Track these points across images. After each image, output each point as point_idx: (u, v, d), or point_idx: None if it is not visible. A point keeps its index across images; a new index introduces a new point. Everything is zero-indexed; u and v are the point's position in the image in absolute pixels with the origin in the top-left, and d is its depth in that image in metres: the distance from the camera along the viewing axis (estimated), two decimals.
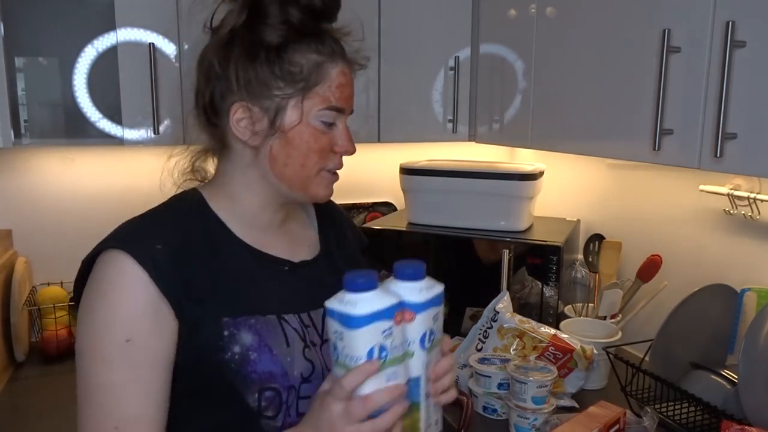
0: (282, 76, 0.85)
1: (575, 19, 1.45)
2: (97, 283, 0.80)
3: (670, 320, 1.36)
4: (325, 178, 0.91)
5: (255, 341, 0.84)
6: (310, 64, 0.85)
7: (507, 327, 1.48)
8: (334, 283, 0.98)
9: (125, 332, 0.78)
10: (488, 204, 1.77)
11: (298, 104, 0.85)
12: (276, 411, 0.86)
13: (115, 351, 0.78)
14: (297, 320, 0.90)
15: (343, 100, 0.88)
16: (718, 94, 1.06)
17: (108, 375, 0.78)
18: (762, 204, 1.40)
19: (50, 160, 1.81)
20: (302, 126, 0.86)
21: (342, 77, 0.88)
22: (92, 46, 1.52)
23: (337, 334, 0.72)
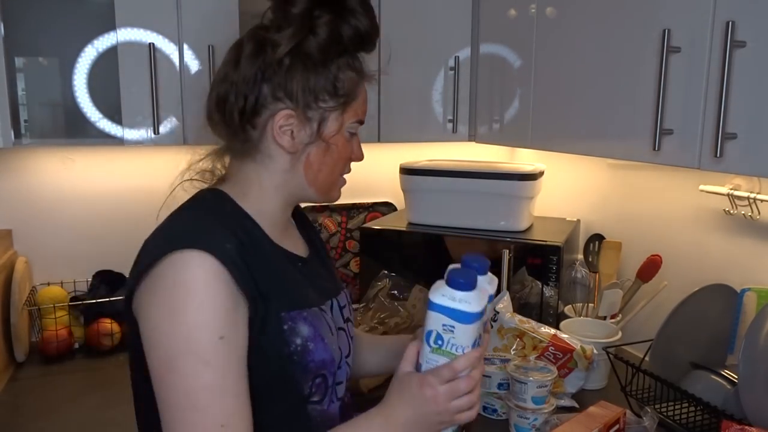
0: (328, 90, 0.91)
1: (575, 19, 1.45)
2: (181, 284, 0.78)
3: (670, 320, 1.36)
4: (341, 183, 1.01)
5: (311, 332, 0.89)
6: (350, 81, 0.93)
7: (507, 327, 1.48)
8: (327, 275, 1.06)
9: (219, 330, 0.79)
10: (488, 204, 1.77)
11: (339, 116, 0.93)
12: (322, 395, 0.92)
13: (212, 350, 0.78)
14: (329, 310, 0.98)
15: (364, 114, 0.99)
16: (718, 94, 1.06)
17: (209, 374, 0.78)
18: (762, 204, 1.40)
19: (50, 160, 1.81)
20: (338, 136, 0.94)
21: (366, 93, 0.98)
22: (92, 46, 1.52)
23: (447, 327, 0.81)
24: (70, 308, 1.75)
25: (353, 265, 2.12)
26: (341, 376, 0.98)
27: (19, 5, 1.46)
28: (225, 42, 1.61)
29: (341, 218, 2.14)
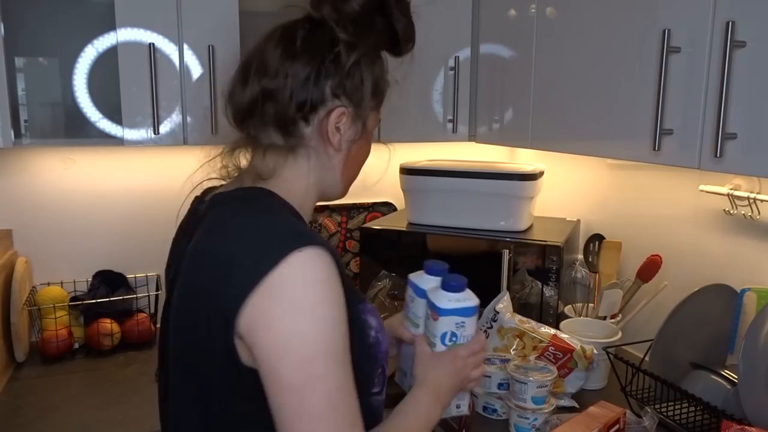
0: (374, 89, 0.94)
1: (575, 20, 1.45)
2: (310, 282, 0.75)
3: (670, 320, 1.36)
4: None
5: (378, 323, 0.90)
6: (384, 82, 0.97)
7: (507, 327, 1.48)
8: None
9: (344, 328, 0.77)
10: (488, 204, 1.77)
11: (376, 115, 0.97)
12: (382, 386, 0.92)
13: (341, 349, 0.76)
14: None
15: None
16: (718, 94, 1.06)
17: (342, 373, 0.76)
18: (762, 204, 1.40)
19: (50, 160, 1.81)
20: (367, 136, 0.97)
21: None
22: (92, 46, 1.53)
23: (459, 324, 0.97)
24: (70, 308, 1.75)
25: (353, 265, 2.12)
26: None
27: (19, 5, 1.46)
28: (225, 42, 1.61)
29: (341, 218, 2.14)
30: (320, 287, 0.75)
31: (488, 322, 1.50)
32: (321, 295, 0.75)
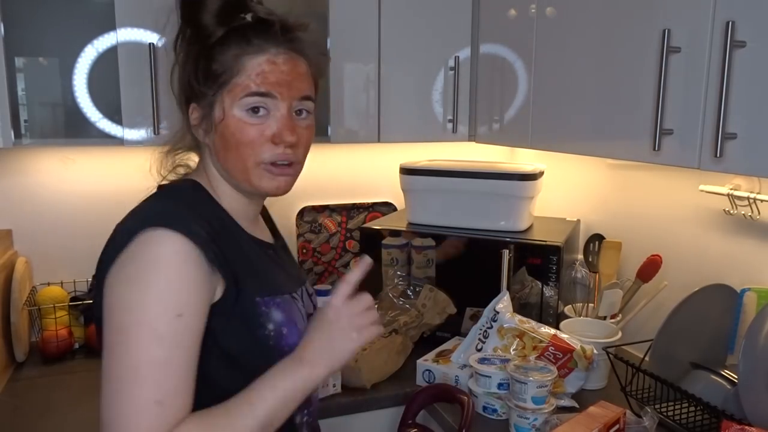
0: (209, 76, 0.89)
1: (575, 19, 1.45)
2: (150, 260, 0.80)
3: (670, 320, 1.36)
4: (266, 171, 0.91)
5: (284, 318, 0.91)
6: (228, 58, 0.89)
7: (507, 327, 1.48)
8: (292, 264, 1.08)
9: (178, 308, 0.80)
10: (488, 204, 1.77)
11: (222, 99, 0.89)
12: None
13: (166, 326, 0.79)
14: (300, 298, 0.98)
15: (268, 85, 0.89)
16: (718, 94, 1.06)
17: (157, 350, 0.78)
18: (762, 204, 1.40)
19: (50, 160, 1.81)
20: (228, 119, 0.89)
21: (267, 65, 0.89)
22: (92, 46, 1.52)
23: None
24: (70, 308, 1.75)
25: (353, 265, 2.12)
26: None
27: (19, 5, 1.46)
28: None
29: (341, 218, 2.14)
30: (159, 266, 0.80)
31: (488, 322, 1.50)
32: (158, 272, 0.80)
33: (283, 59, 0.90)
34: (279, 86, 0.89)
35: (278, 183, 0.92)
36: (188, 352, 0.81)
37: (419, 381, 1.55)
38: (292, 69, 0.91)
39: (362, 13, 1.76)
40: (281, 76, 0.89)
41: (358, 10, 1.75)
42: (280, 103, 0.90)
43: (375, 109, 1.81)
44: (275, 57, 0.90)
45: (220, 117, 0.89)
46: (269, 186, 0.92)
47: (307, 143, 0.95)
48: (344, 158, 2.14)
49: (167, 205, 0.88)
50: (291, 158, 0.92)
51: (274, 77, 0.89)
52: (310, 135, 0.95)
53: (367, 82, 1.79)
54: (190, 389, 0.81)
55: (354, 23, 1.75)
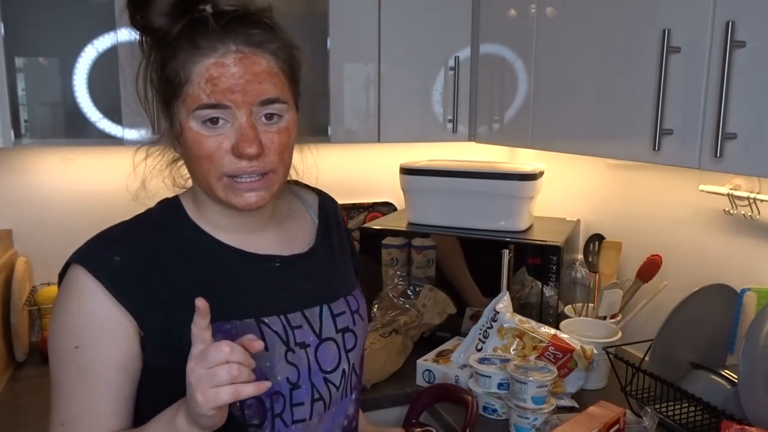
0: (162, 84, 0.83)
1: (575, 19, 1.45)
2: (58, 293, 0.86)
3: (670, 320, 1.36)
4: (231, 186, 0.82)
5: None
6: (177, 65, 0.80)
7: (507, 327, 1.48)
8: (331, 278, 0.96)
9: (74, 340, 0.82)
10: (488, 204, 1.77)
11: (178, 111, 0.82)
12: (261, 419, 0.85)
13: (65, 356, 0.83)
14: (280, 323, 0.87)
15: (219, 94, 0.78)
16: (718, 94, 1.06)
17: (60, 376, 0.83)
18: (762, 204, 1.40)
19: (50, 160, 1.81)
20: (185, 132, 0.81)
21: (216, 69, 0.78)
22: (92, 46, 1.52)
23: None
24: None
25: None
26: (300, 397, 0.87)
27: (19, 5, 1.46)
28: None
29: None
30: (60, 299, 0.85)
31: (488, 322, 1.50)
32: (58, 305, 0.85)
33: (233, 59, 0.79)
34: (231, 93, 0.78)
35: (248, 200, 0.83)
36: (93, 381, 0.81)
37: (419, 381, 1.55)
38: (247, 69, 0.79)
39: (362, 13, 1.76)
40: (232, 80, 0.78)
41: (358, 10, 1.75)
42: (236, 112, 0.79)
43: (375, 109, 1.81)
44: (223, 58, 0.79)
45: (179, 129, 0.82)
46: (238, 202, 0.83)
47: (282, 149, 0.83)
48: (344, 158, 2.14)
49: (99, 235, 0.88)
50: (259, 170, 0.82)
51: (224, 83, 0.78)
52: (284, 139, 0.83)
53: (367, 82, 1.79)
54: (98, 418, 0.82)
55: (354, 23, 1.75)
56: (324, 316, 0.92)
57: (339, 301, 0.95)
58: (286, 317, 0.88)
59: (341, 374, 0.93)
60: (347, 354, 0.94)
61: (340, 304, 0.95)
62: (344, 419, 0.95)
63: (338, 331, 0.93)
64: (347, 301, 0.96)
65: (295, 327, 0.89)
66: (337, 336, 0.93)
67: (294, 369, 0.87)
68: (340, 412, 0.94)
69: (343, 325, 0.94)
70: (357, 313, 0.97)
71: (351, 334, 0.95)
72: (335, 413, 0.93)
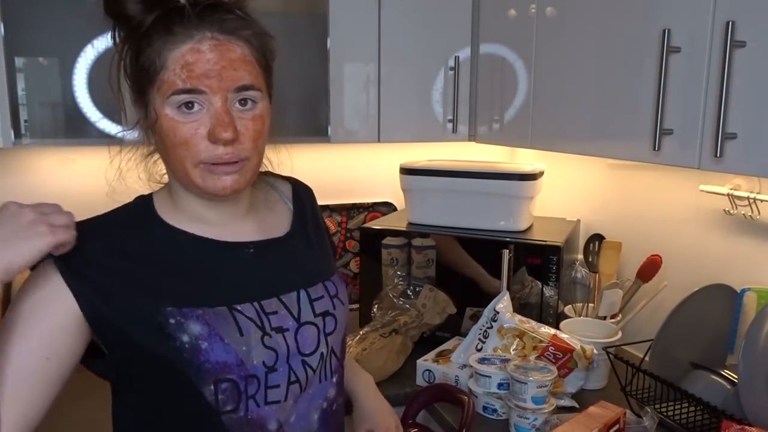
0: (137, 72, 0.83)
1: (575, 19, 1.45)
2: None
3: (670, 320, 1.36)
4: (207, 171, 0.83)
5: (204, 330, 0.83)
6: (151, 52, 0.81)
7: (507, 327, 1.48)
8: (308, 264, 0.97)
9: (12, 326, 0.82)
10: (488, 204, 1.77)
11: (153, 98, 0.82)
12: (235, 404, 0.85)
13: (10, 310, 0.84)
14: (254, 309, 0.87)
15: (194, 80, 0.80)
16: (718, 94, 1.06)
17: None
18: (762, 204, 1.40)
19: (50, 160, 1.81)
20: (161, 120, 0.82)
21: (191, 55, 0.80)
22: (92, 46, 1.52)
23: None
24: None
25: (353, 265, 2.12)
26: (276, 380, 0.88)
27: (19, 5, 1.46)
28: None
29: (341, 218, 2.14)
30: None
31: (488, 322, 1.50)
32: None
33: (209, 46, 0.80)
34: (207, 78, 0.80)
35: (224, 183, 0.84)
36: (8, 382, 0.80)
37: (419, 381, 1.55)
38: (222, 56, 0.81)
39: (362, 13, 1.76)
40: (208, 66, 0.80)
41: (358, 10, 1.75)
42: (211, 98, 0.81)
43: (375, 109, 1.81)
44: (199, 44, 0.80)
45: (153, 118, 0.83)
46: (214, 187, 0.84)
47: (256, 135, 0.85)
48: (344, 158, 2.14)
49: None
50: (233, 156, 0.83)
51: (200, 69, 0.80)
52: (259, 126, 0.85)
53: (367, 82, 1.79)
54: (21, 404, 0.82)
55: (354, 23, 1.75)
56: (302, 301, 0.92)
57: (317, 286, 0.95)
58: (260, 304, 0.88)
59: (319, 357, 0.93)
60: (326, 337, 0.94)
61: (318, 288, 0.95)
62: (323, 401, 0.95)
63: (317, 315, 0.94)
64: (325, 286, 0.97)
65: (270, 313, 0.89)
66: (317, 319, 0.93)
67: (272, 353, 0.87)
68: (319, 394, 0.94)
69: (322, 309, 0.94)
70: (336, 297, 0.97)
71: (331, 317, 0.95)
72: (312, 395, 0.93)
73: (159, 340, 0.82)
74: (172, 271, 0.87)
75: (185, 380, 0.83)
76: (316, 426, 0.94)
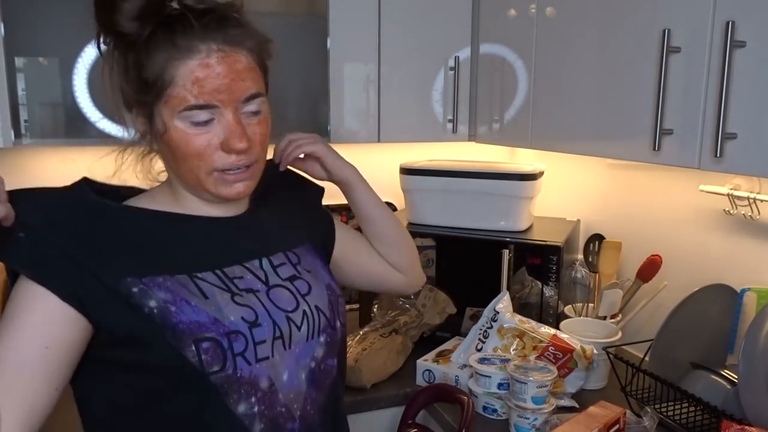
0: (142, 85, 0.83)
1: (575, 19, 1.45)
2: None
3: (670, 320, 1.36)
4: (221, 179, 0.86)
5: (169, 296, 0.83)
6: (157, 66, 0.81)
7: (507, 327, 1.48)
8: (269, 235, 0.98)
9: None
10: (488, 204, 1.77)
11: (160, 110, 0.83)
12: (221, 362, 0.83)
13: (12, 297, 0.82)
14: (215, 276, 0.87)
15: (206, 95, 0.81)
16: (718, 94, 1.06)
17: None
18: (762, 204, 1.40)
19: (50, 160, 1.81)
20: (170, 132, 0.83)
21: (201, 70, 0.81)
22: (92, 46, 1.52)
23: None
24: None
25: None
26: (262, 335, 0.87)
27: (19, 5, 1.46)
28: None
29: (341, 218, 2.14)
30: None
31: (488, 322, 1.50)
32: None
33: (217, 59, 0.81)
34: (219, 93, 0.81)
35: (237, 189, 0.87)
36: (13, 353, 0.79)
37: (419, 381, 1.55)
38: (230, 68, 0.82)
39: (362, 13, 1.76)
40: (218, 80, 0.81)
41: (358, 10, 1.75)
42: (223, 110, 0.83)
43: (375, 109, 1.81)
44: (208, 58, 0.81)
45: (162, 129, 0.83)
46: (228, 193, 0.87)
47: (263, 139, 0.88)
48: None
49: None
50: (246, 162, 0.86)
51: (211, 84, 0.81)
52: (264, 129, 0.88)
53: (367, 82, 1.79)
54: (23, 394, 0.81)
55: (354, 23, 1.75)
56: (265, 267, 0.93)
57: (277, 254, 0.96)
58: (222, 271, 0.88)
59: (302, 315, 0.93)
60: (304, 297, 0.94)
61: (279, 257, 0.96)
62: (311, 361, 0.94)
63: (285, 280, 0.94)
64: (287, 255, 0.97)
65: (235, 278, 0.89)
66: (285, 283, 0.94)
67: (248, 309, 0.87)
68: (306, 353, 0.93)
69: (287, 275, 0.95)
70: (299, 266, 0.97)
71: (301, 281, 0.96)
72: (300, 354, 0.92)
73: (128, 314, 0.81)
74: (128, 244, 0.86)
75: (165, 347, 0.81)
76: (305, 386, 0.92)
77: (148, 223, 0.89)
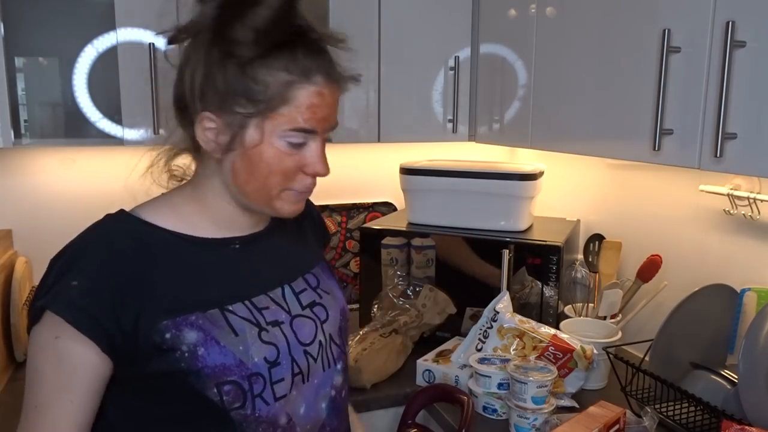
0: (244, 93, 0.82)
1: (575, 19, 1.45)
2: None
3: (670, 320, 1.36)
4: (291, 197, 0.89)
5: (200, 337, 0.83)
6: (276, 84, 0.82)
7: (507, 327, 1.48)
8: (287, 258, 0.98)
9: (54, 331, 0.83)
10: (488, 204, 1.77)
11: (260, 124, 0.83)
12: (242, 401, 0.85)
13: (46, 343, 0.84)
14: (245, 308, 0.88)
15: (314, 122, 0.84)
16: (718, 94, 1.06)
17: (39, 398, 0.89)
18: (762, 204, 1.40)
19: (50, 160, 1.81)
20: (264, 146, 0.84)
21: (316, 98, 0.84)
22: (92, 46, 1.52)
23: None
24: None
25: (353, 265, 2.12)
26: (281, 373, 0.88)
27: (19, 5, 1.46)
28: None
29: (341, 218, 2.14)
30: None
31: (488, 322, 1.50)
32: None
33: (329, 91, 0.85)
34: (323, 122, 0.86)
35: (298, 207, 0.91)
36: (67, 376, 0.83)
37: (419, 381, 1.55)
38: (334, 100, 0.87)
39: (362, 13, 1.76)
40: (326, 110, 0.85)
41: (358, 10, 1.75)
42: (317, 136, 0.87)
43: (375, 109, 1.81)
44: (324, 88, 0.84)
45: (255, 142, 0.83)
46: (290, 209, 0.90)
47: None
48: (344, 158, 2.14)
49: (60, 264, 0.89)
50: (315, 185, 0.91)
51: (321, 113, 0.85)
52: None
53: (367, 82, 1.79)
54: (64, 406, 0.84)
55: (354, 23, 1.75)
56: (287, 296, 0.94)
57: (297, 280, 0.97)
58: (251, 302, 0.89)
59: (318, 346, 0.94)
60: (322, 325, 0.96)
61: (300, 282, 0.97)
62: (331, 389, 0.95)
63: (305, 307, 0.95)
64: (306, 280, 0.98)
65: (263, 308, 0.90)
66: (306, 311, 0.95)
67: (272, 347, 0.88)
68: (325, 383, 0.94)
69: (308, 301, 0.96)
70: (319, 288, 0.99)
71: (320, 307, 0.97)
72: (318, 385, 0.93)
73: (158, 358, 0.83)
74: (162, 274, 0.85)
75: (187, 385, 0.83)
76: (324, 414, 0.94)
77: (188, 253, 0.89)
